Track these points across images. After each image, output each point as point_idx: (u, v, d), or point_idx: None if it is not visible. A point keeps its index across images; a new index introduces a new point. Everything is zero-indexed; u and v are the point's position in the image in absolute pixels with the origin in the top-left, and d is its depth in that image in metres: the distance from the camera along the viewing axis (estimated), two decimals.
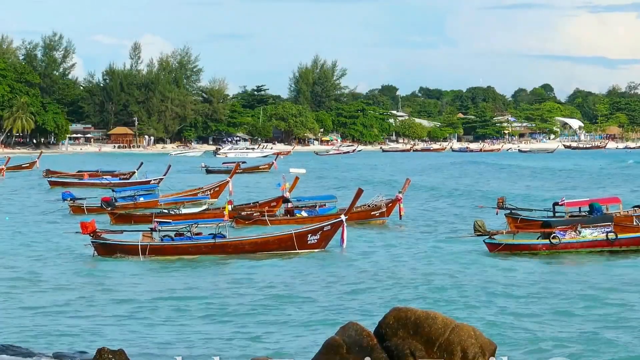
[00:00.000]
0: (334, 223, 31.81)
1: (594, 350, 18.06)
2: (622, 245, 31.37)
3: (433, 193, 61.02)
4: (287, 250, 31.26)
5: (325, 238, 31.71)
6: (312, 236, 31.57)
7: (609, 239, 31.25)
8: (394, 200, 41.43)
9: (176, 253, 30.85)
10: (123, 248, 31.02)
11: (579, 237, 31.28)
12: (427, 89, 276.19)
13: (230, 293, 24.28)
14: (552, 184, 72.68)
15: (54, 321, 20.80)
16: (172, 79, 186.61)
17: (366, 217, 40.71)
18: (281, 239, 31.60)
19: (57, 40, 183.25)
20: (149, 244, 30.87)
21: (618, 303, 22.62)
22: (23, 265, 29.34)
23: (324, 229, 31.73)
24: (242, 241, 31.80)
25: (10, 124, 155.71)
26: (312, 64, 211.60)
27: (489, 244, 31.08)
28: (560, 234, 31.24)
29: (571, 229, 31.43)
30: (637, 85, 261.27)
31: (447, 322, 13.13)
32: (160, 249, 30.92)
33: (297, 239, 31.37)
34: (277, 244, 31.47)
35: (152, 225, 32.17)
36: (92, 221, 31.70)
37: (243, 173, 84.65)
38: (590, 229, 31.52)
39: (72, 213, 46.92)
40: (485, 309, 21.76)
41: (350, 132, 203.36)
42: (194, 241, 31.16)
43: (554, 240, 30.98)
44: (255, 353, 17.44)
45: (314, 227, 32.27)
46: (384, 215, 41.19)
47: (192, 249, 30.99)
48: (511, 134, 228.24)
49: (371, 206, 41.33)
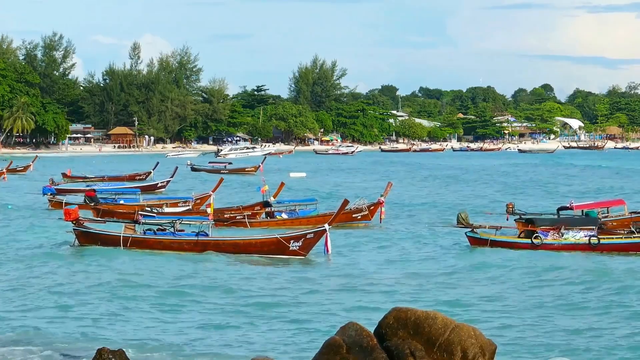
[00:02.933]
0: (317, 231, 30.92)
1: (594, 350, 18.07)
2: (604, 250, 30.90)
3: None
4: (270, 254, 30.61)
5: (308, 246, 30.77)
6: (294, 242, 30.70)
7: (591, 243, 30.89)
8: (375, 203, 41.32)
9: (157, 247, 30.71)
10: (104, 238, 30.95)
11: (561, 239, 31.01)
12: (427, 89, 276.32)
13: (230, 293, 24.26)
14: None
15: (54, 321, 20.79)
16: (172, 79, 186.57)
17: (347, 219, 40.49)
18: (264, 242, 31.09)
19: (57, 40, 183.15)
20: (131, 236, 30.84)
21: (618, 302, 22.63)
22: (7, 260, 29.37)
23: (307, 237, 30.86)
24: (225, 241, 31.44)
25: (10, 124, 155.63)
26: (312, 64, 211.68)
27: (470, 237, 30.97)
28: (543, 234, 30.97)
29: (554, 230, 31.14)
30: (637, 85, 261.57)
31: (447, 322, 13.13)
32: (141, 242, 30.84)
33: (281, 243, 30.67)
34: (260, 247, 30.99)
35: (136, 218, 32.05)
36: (76, 209, 31.77)
37: (229, 174, 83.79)
38: (574, 231, 31.19)
39: (51, 208, 47.03)
40: (484, 309, 21.76)
41: (350, 132, 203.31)
42: (176, 237, 31.01)
43: (536, 240, 30.75)
44: (255, 353, 17.45)
45: (297, 233, 31.46)
46: (366, 219, 40.97)
47: (174, 244, 30.86)
48: (511, 134, 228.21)
49: (352, 209, 41.24)
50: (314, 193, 57.56)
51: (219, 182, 49.37)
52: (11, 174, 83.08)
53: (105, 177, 71.72)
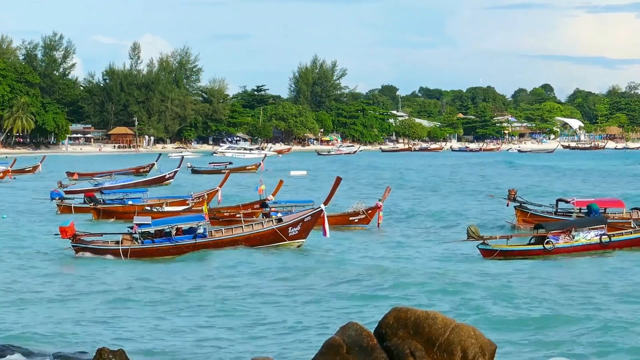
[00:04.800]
0: (314, 213, 31.90)
1: (595, 350, 18.06)
2: (616, 247, 31.33)
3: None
4: (270, 244, 31.44)
5: (306, 229, 31.88)
6: (293, 228, 31.69)
7: (603, 242, 31.16)
8: (373, 207, 41.24)
9: (158, 254, 30.66)
10: (103, 252, 30.79)
11: (573, 242, 31.10)
12: (427, 89, 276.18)
13: (230, 293, 24.26)
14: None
15: (54, 322, 20.79)
16: (172, 79, 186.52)
17: (344, 222, 40.46)
18: (263, 235, 31.65)
19: (57, 40, 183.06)
20: (130, 247, 30.70)
21: (617, 303, 22.63)
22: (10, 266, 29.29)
23: (305, 220, 31.76)
24: (223, 239, 31.55)
25: (10, 124, 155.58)
26: (312, 64, 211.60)
27: (483, 250, 30.93)
28: (554, 238, 31.00)
29: (565, 234, 31.22)
30: (637, 85, 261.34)
31: (447, 322, 13.13)
32: (141, 252, 30.75)
33: (279, 232, 31.51)
34: (259, 239, 31.57)
35: (132, 227, 31.54)
36: (71, 224, 31.33)
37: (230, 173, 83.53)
38: (584, 232, 31.32)
39: (60, 213, 46.80)
40: (484, 309, 21.74)
41: (351, 132, 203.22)
42: (175, 242, 30.98)
43: (548, 245, 30.79)
44: (255, 353, 17.44)
45: (294, 219, 32.12)
46: (363, 222, 40.80)
47: (173, 250, 30.86)
48: (511, 134, 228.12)
49: (350, 212, 41.22)
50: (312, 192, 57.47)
51: (225, 177, 49.60)
52: (19, 175, 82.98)
53: (112, 172, 71.11)
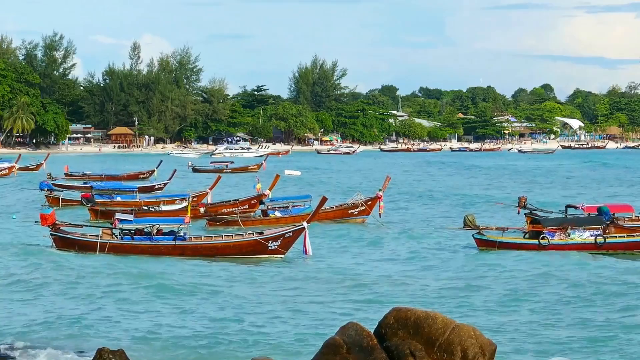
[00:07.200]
0: (295, 230, 30.83)
1: (595, 350, 18.06)
2: (610, 249, 31.32)
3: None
4: (247, 255, 30.50)
5: (286, 245, 30.71)
6: (273, 242, 30.61)
7: (597, 243, 31.21)
8: (373, 198, 40.89)
9: (135, 252, 30.49)
10: (81, 243, 30.73)
11: (568, 239, 31.19)
12: (427, 89, 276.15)
13: (230, 293, 24.25)
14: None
15: (54, 322, 20.77)
16: (172, 79, 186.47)
17: (343, 215, 40.20)
18: (242, 245, 30.88)
19: (57, 40, 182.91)
20: (108, 242, 30.60)
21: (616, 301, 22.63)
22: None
23: (285, 236, 30.75)
24: (203, 245, 31.08)
25: (11, 124, 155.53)
26: (312, 64, 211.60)
27: (477, 239, 31.11)
28: (550, 234, 31.12)
29: (561, 231, 31.30)
30: (637, 85, 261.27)
31: (447, 322, 13.12)
32: (119, 247, 30.60)
33: (259, 245, 30.62)
34: (239, 248, 30.83)
35: (113, 222, 31.45)
36: (52, 213, 31.34)
37: (232, 173, 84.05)
38: (580, 231, 31.40)
39: (48, 204, 46.65)
40: (484, 309, 21.75)
41: (351, 132, 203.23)
42: (154, 242, 30.77)
43: (543, 241, 30.92)
44: (255, 353, 17.44)
45: (276, 233, 31.26)
46: (363, 214, 40.59)
47: (151, 249, 30.63)
48: (511, 134, 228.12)
49: (349, 205, 40.95)
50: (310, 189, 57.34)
51: (216, 180, 49.42)
52: (24, 172, 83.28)
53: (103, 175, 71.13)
